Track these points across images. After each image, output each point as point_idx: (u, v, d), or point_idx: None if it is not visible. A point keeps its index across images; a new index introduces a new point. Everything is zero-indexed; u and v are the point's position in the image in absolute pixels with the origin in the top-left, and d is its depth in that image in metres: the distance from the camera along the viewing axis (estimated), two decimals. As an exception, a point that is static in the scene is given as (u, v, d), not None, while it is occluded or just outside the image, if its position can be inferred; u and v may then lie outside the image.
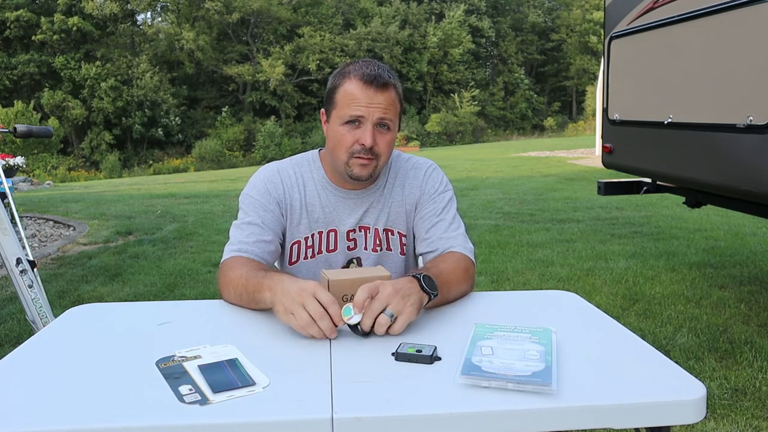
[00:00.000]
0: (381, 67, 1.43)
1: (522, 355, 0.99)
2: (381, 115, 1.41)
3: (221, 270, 1.39)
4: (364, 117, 1.40)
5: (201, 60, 34.89)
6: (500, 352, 1.00)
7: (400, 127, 1.52)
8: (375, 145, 1.42)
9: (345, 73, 1.44)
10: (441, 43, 39.06)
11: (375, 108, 1.40)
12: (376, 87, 1.40)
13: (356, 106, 1.40)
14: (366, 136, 1.40)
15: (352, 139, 1.42)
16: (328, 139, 1.49)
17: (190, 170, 25.76)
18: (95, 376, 0.96)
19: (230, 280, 1.32)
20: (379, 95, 1.40)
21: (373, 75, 1.40)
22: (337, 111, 1.43)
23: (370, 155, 1.42)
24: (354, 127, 1.42)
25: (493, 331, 1.10)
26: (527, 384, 0.89)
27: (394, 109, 1.44)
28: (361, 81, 1.40)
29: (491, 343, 1.04)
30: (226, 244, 1.47)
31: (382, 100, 1.40)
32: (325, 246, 1.54)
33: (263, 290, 1.20)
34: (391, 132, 1.45)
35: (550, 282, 4.14)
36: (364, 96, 1.39)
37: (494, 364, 0.95)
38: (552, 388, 0.88)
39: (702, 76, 2.85)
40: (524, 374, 0.91)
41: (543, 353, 0.99)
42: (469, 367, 0.94)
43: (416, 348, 1.03)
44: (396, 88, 1.45)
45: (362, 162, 1.43)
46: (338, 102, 1.43)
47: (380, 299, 1.10)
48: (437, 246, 1.50)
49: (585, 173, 11.44)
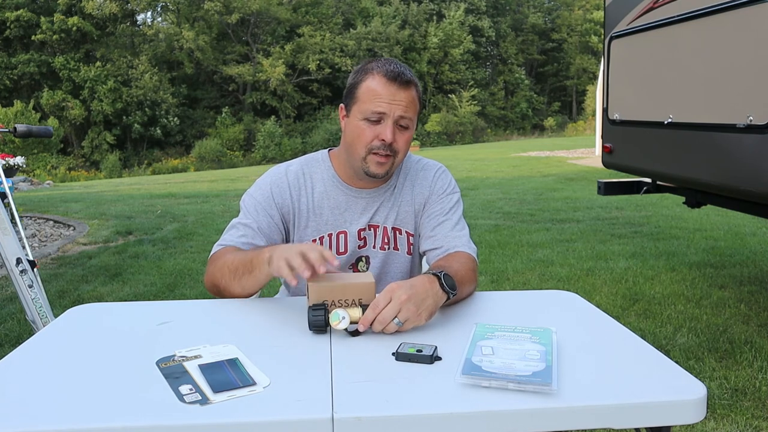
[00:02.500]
0: (403, 66, 1.45)
1: (522, 355, 0.99)
2: (402, 113, 1.41)
3: (209, 262, 1.41)
4: (386, 114, 1.41)
5: (201, 60, 34.87)
6: (501, 352, 1.00)
7: (416, 127, 1.53)
8: (394, 141, 1.42)
9: (368, 69, 1.45)
10: (441, 43, 39.05)
11: (397, 105, 1.41)
12: (399, 84, 1.40)
13: (378, 102, 1.40)
14: (387, 132, 1.40)
15: (372, 134, 1.42)
16: (346, 133, 1.49)
17: (190, 170, 25.73)
18: (95, 376, 0.96)
19: (223, 263, 1.35)
20: (401, 92, 1.41)
21: (397, 72, 1.41)
22: (359, 106, 1.44)
23: (388, 152, 1.43)
24: (374, 123, 1.42)
25: (494, 331, 1.10)
26: (528, 384, 0.89)
27: (413, 108, 1.45)
28: (385, 77, 1.41)
29: (492, 343, 1.04)
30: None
31: (404, 98, 1.41)
32: (335, 249, 1.53)
33: (263, 252, 1.25)
34: (409, 131, 1.46)
35: (550, 282, 4.14)
36: (387, 92, 1.40)
37: (495, 364, 0.95)
38: (552, 387, 0.88)
39: (702, 76, 2.85)
40: (525, 374, 0.91)
41: (543, 353, 0.99)
42: (470, 367, 0.94)
43: (416, 348, 1.03)
44: (417, 88, 1.46)
45: (379, 160, 1.43)
46: (360, 97, 1.43)
47: (393, 308, 1.10)
48: (442, 243, 1.50)
49: (585, 173, 11.44)
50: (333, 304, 1.15)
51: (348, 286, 1.16)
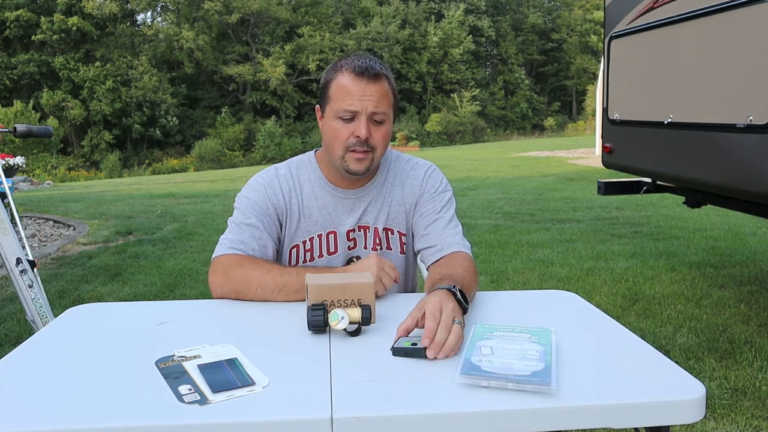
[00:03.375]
0: (372, 59, 1.44)
1: (521, 355, 0.98)
2: (374, 108, 1.41)
3: (219, 265, 1.37)
4: (358, 111, 1.40)
5: (201, 60, 34.87)
6: (500, 352, 1.00)
7: (395, 119, 1.52)
8: (370, 137, 1.42)
9: (337, 67, 1.45)
10: (441, 43, 39.04)
11: (368, 100, 1.40)
12: (368, 79, 1.40)
13: (349, 99, 1.40)
14: (361, 128, 1.40)
15: (347, 132, 1.42)
16: (323, 134, 1.49)
17: (190, 170, 25.73)
18: (95, 376, 0.96)
19: (251, 277, 1.33)
20: (371, 86, 1.40)
21: (365, 67, 1.40)
22: (331, 105, 1.44)
23: (365, 148, 1.42)
24: (348, 121, 1.42)
25: (493, 331, 1.10)
26: (527, 384, 0.89)
27: (387, 100, 1.44)
28: (353, 73, 1.40)
29: (491, 343, 1.04)
30: (220, 240, 1.45)
31: (374, 92, 1.41)
32: (325, 249, 1.53)
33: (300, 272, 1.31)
34: (385, 125, 1.45)
35: (550, 282, 4.14)
36: (357, 89, 1.40)
37: (494, 364, 0.95)
38: (552, 387, 0.88)
39: (702, 76, 2.85)
40: (524, 374, 0.91)
41: (543, 353, 0.99)
42: (469, 367, 0.94)
43: (412, 341, 1.03)
44: (389, 80, 1.45)
45: (358, 156, 1.43)
46: (332, 96, 1.43)
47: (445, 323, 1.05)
48: (436, 242, 1.50)
49: (585, 173, 11.43)
50: (332, 304, 1.15)
51: (347, 286, 1.16)
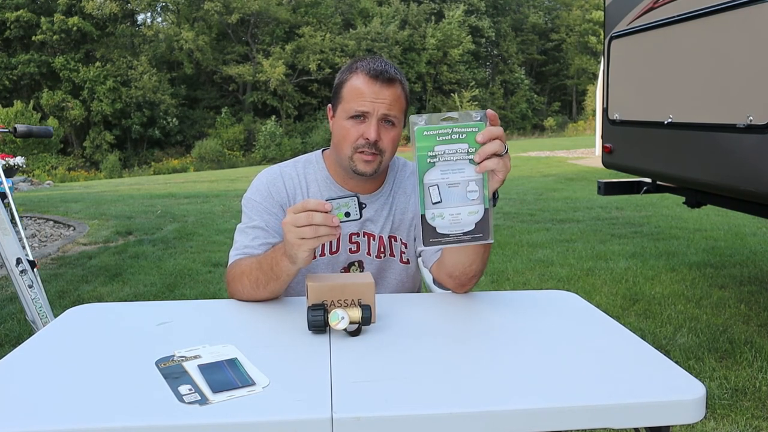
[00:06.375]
0: (387, 63, 1.45)
1: (464, 196, 1.11)
2: (386, 111, 1.41)
3: (229, 273, 1.39)
4: (369, 112, 1.41)
5: (201, 60, 34.86)
6: (446, 196, 1.10)
7: (405, 124, 1.52)
8: (379, 140, 1.42)
9: (352, 68, 1.45)
10: (441, 43, 39.01)
11: (380, 103, 1.40)
12: (382, 82, 1.40)
13: (362, 101, 1.40)
14: (370, 131, 1.40)
15: (357, 133, 1.42)
16: (333, 133, 1.49)
17: (190, 170, 25.72)
18: (95, 376, 0.96)
19: (242, 272, 1.34)
20: (384, 90, 1.41)
21: (380, 70, 1.41)
22: (343, 105, 1.44)
23: (374, 150, 1.42)
24: (359, 122, 1.42)
25: (434, 148, 1.09)
26: (472, 242, 1.14)
27: (399, 105, 1.44)
28: (368, 76, 1.41)
29: (436, 178, 1.10)
30: (231, 249, 1.47)
31: (388, 96, 1.41)
32: (327, 248, 1.53)
33: (276, 251, 1.25)
34: (395, 128, 1.45)
35: (550, 282, 4.14)
36: (370, 91, 1.40)
37: (445, 220, 1.11)
38: (490, 241, 1.15)
39: (702, 76, 2.85)
40: (469, 228, 1.12)
41: (480, 185, 1.11)
42: (429, 233, 1.11)
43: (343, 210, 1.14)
44: (402, 85, 1.46)
45: (366, 158, 1.43)
46: (344, 96, 1.44)
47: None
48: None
49: (585, 173, 11.44)
50: (332, 304, 1.15)
51: (347, 286, 1.16)
